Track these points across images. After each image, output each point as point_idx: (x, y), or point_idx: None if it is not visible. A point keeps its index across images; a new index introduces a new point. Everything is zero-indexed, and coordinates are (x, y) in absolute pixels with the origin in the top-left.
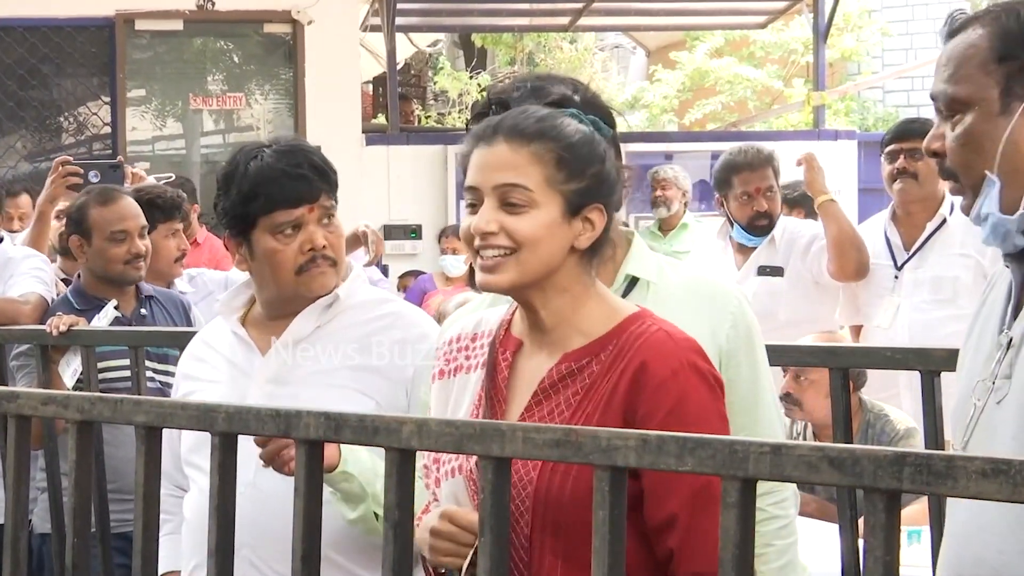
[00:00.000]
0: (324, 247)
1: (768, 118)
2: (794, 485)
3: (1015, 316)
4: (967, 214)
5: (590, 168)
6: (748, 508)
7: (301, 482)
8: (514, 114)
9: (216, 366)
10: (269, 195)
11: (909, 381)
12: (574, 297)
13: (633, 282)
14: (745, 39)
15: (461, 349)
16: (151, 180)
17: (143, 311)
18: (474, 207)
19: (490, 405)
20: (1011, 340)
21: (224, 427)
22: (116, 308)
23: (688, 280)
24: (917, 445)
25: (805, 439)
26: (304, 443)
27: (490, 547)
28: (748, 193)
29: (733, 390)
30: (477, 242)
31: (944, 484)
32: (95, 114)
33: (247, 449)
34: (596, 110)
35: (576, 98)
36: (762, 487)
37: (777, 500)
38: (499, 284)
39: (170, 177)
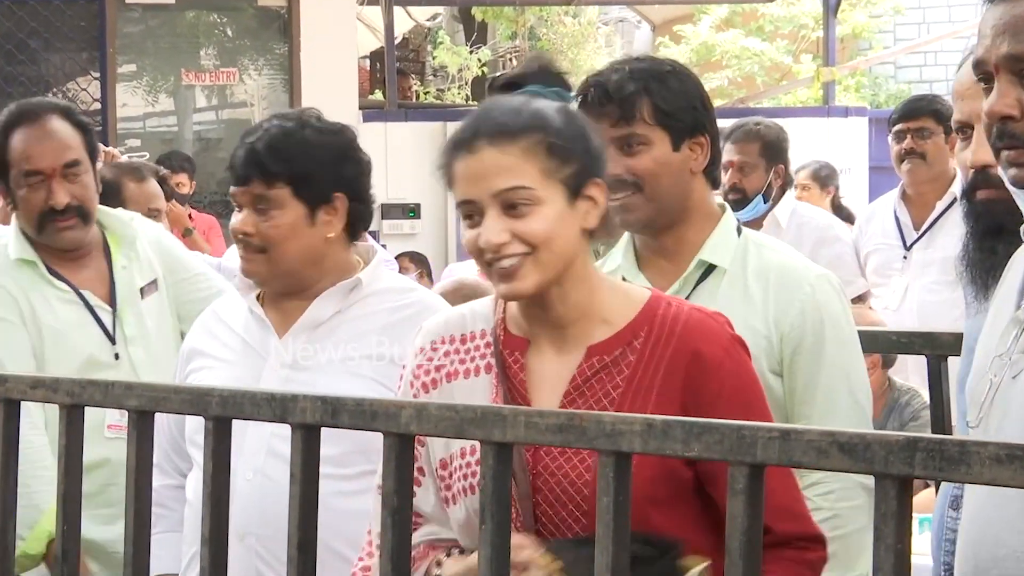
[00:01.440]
0: (245, 232)
1: (777, 94)
2: (859, 479)
3: None
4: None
5: (579, 145)
6: (757, 494)
7: (297, 467)
8: (488, 116)
9: (228, 343)
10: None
11: (918, 366)
12: (589, 286)
13: (711, 268)
14: (754, 12)
15: (449, 353)
16: (124, 158)
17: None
18: (472, 219)
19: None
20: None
21: (218, 411)
22: None
23: (765, 265)
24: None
25: None
26: (300, 428)
27: (491, 535)
28: (726, 165)
29: (794, 377)
30: (488, 256)
31: (957, 470)
32: (84, 90)
33: (257, 434)
34: (551, 78)
35: (527, 72)
36: (809, 476)
37: (824, 492)
38: (524, 290)
39: (144, 155)
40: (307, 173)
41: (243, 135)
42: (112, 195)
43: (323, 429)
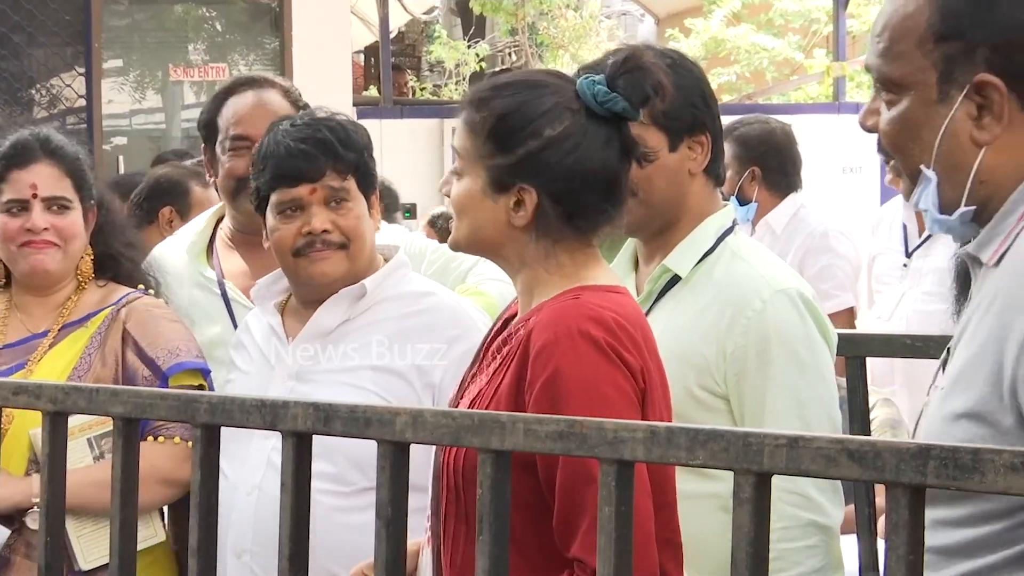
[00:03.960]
0: (325, 231)
1: (786, 90)
2: (812, 517)
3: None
4: (907, 199)
5: (518, 146)
6: (763, 504)
7: (288, 476)
8: (486, 80)
9: (251, 353)
10: (273, 172)
11: (907, 379)
12: (536, 273)
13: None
14: (764, 4)
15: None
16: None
17: None
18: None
19: (465, 376)
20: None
21: (206, 418)
22: None
23: (726, 277)
24: (879, 417)
25: None
26: (292, 435)
27: (489, 546)
28: None
29: (741, 401)
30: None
31: (971, 479)
32: (69, 86)
33: (260, 447)
34: (628, 86)
35: (609, 62)
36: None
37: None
38: (451, 242)
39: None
40: (366, 164)
41: (275, 137)
42: (179, 196)
43: (323, 449)
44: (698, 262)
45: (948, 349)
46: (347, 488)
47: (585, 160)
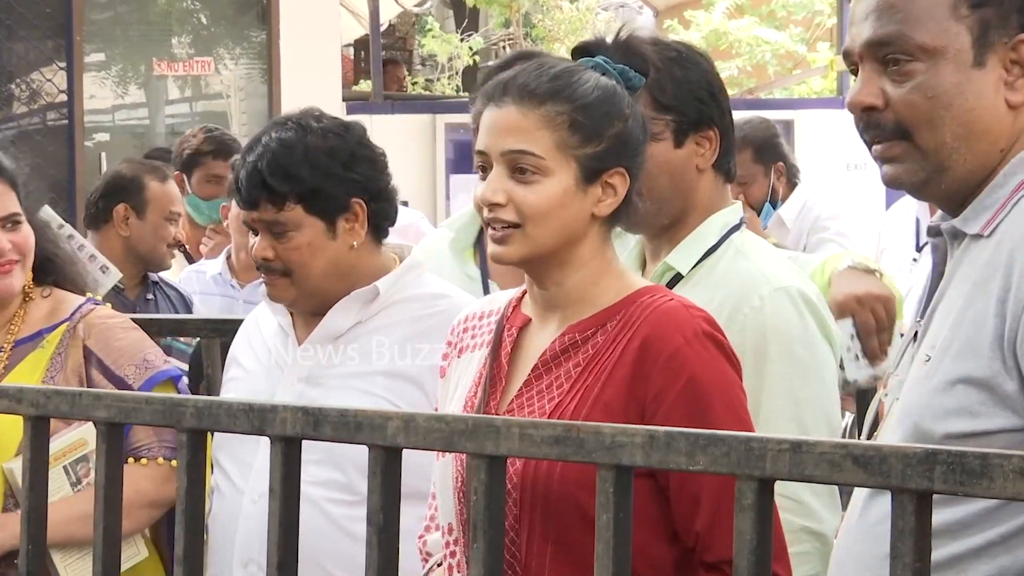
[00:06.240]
0: (265, 258)
1: (789, 84)
2: (805, 523)
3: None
4: (899, 184)
5: (609, 129)
6: (766, 510)
7: (277, 482)
8: (527, 71)
9: (258, 353)
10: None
11: None
12: (593, 272)
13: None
14: None
15: (467, 330)
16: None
17: (148, 296)
18: (484, 171)
19: (490, 383)
20: (917, 332)
21: (193, 423)
22: (121, 285)
23: (728, 275)
24: None
25: None
26: (280, 440)
27: (483, 554)
28: None
29: None
30: (485, 213)
31: (979, 484)
32: (50, 80)
33: (265, 453)
34: (630, 56)
35: (608, 41)
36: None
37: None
38: (510, 257)
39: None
40: (316, 187)
41: (244, 151)
42: (133, 193)
43: (330, 457)
44: (701, 259)
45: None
46: (356, 497)
47: (646, 135)
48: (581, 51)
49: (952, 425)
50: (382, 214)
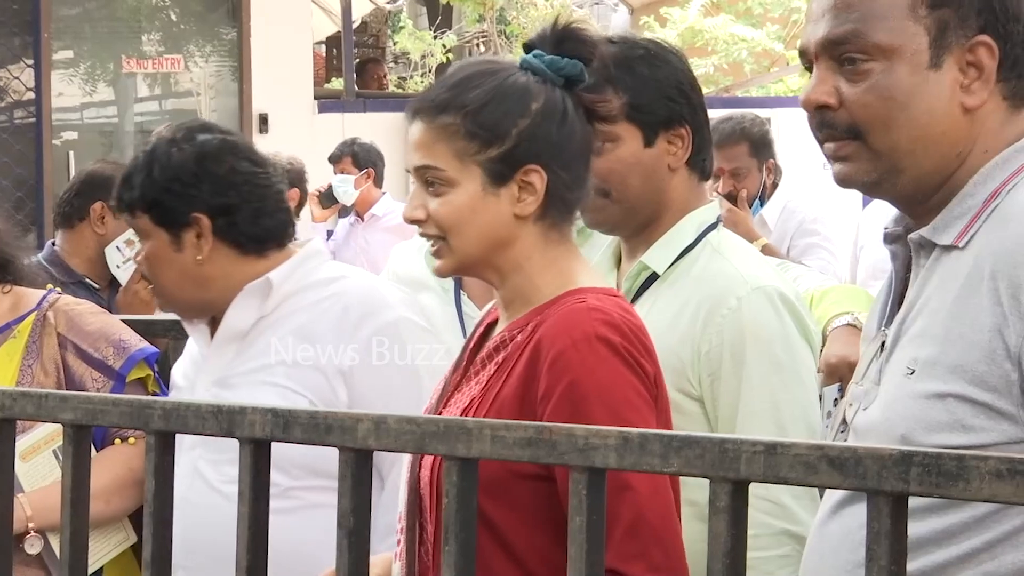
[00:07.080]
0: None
1: (766, 82)
2: (784, 526)
3: (896, 312)
4: (850, 183)
5: (511, 128)
6: (740, 512)
7: (246, 485)
8: (434, 84)
9: (186, 368)
10: None
11: None
12: (530, 272)
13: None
14: None
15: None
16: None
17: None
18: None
19: (451, 377)
20: (884, 342)
21: (160, 425)
22: (96, 284)
23: (704, 275)
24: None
25: None
26: (249, 442)
27: (455, 557)
28: (716, 173)
29: (716, 404)
30: (418, 229)
31: (955, 486)
32: (17, 78)
33: (187, 457)
34: (566, 45)
35: (539, 35)
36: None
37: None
38: (443, 270)
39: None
40: (156, 199)
41: None
42: (111, 191)
43: (328, 456)
44: (678, 259)
45: (884, 328)
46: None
47: (570, 127)
48: (526, 48)
49: (944, 439)
50: (235, 230)
